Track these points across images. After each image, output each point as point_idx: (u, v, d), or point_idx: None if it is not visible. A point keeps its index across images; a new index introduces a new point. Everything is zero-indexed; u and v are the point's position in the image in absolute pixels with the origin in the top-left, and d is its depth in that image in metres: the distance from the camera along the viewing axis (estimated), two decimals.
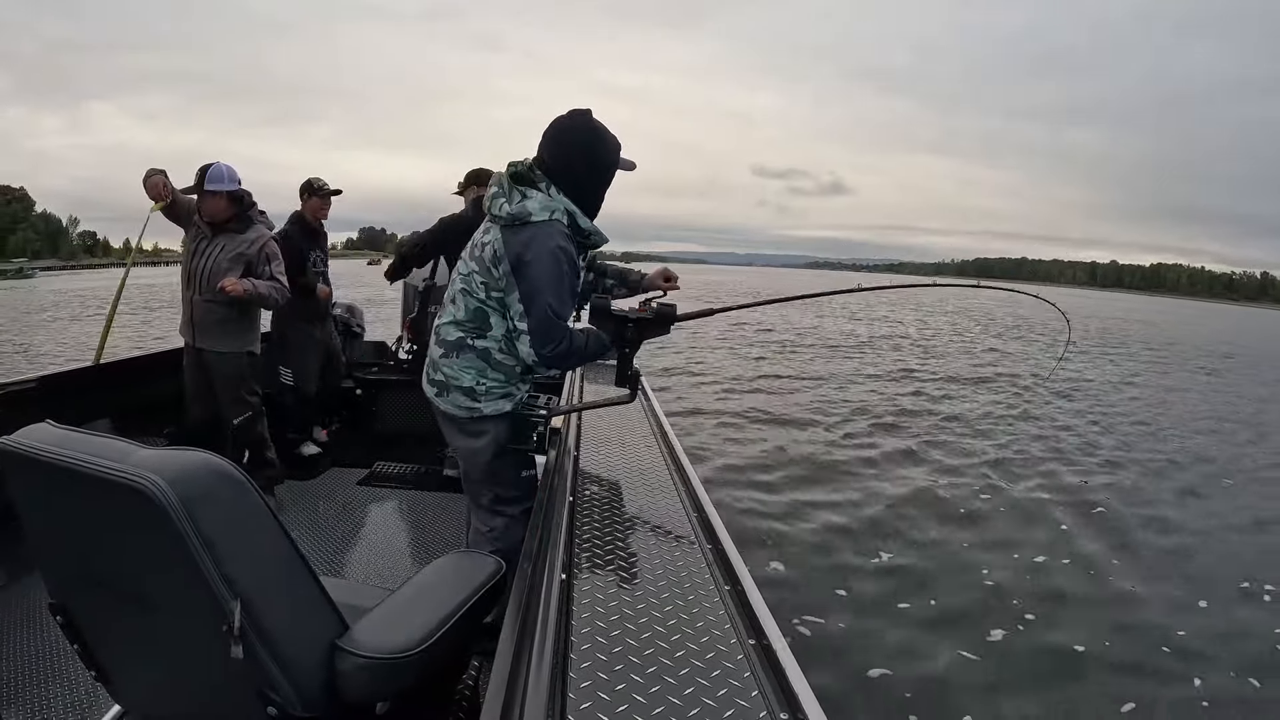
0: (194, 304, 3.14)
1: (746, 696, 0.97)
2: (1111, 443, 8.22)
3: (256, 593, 0.96)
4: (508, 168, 1.90)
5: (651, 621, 1.15)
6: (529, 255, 1.78)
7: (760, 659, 1.08)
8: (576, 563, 1.35)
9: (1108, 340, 23.53)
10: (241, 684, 1.01)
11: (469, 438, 1.97)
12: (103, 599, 1.10)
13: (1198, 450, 8.23)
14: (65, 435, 1.02)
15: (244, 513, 0.99)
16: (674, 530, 1.57)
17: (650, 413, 2.67)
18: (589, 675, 1.00)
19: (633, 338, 2.02)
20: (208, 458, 0.98)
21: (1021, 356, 15.80)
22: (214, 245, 3.12)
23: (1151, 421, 9.84)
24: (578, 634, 1.10)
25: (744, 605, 1.25)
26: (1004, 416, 9.21)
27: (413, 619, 1.18)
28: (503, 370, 1.92)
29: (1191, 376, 15.69)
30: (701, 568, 1.37)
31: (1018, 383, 12.02)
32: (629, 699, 0.95)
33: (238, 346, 3.21)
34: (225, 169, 3.09)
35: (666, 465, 2.04)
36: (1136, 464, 7.40)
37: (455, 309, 1.94)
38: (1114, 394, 11.98)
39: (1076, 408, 10.26)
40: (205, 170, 3.07)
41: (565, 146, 1.87)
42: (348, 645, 1.08)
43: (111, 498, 0.93)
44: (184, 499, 0.90)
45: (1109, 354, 18.70)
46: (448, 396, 1.94)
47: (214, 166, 3.07)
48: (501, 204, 1.84)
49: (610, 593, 1.25)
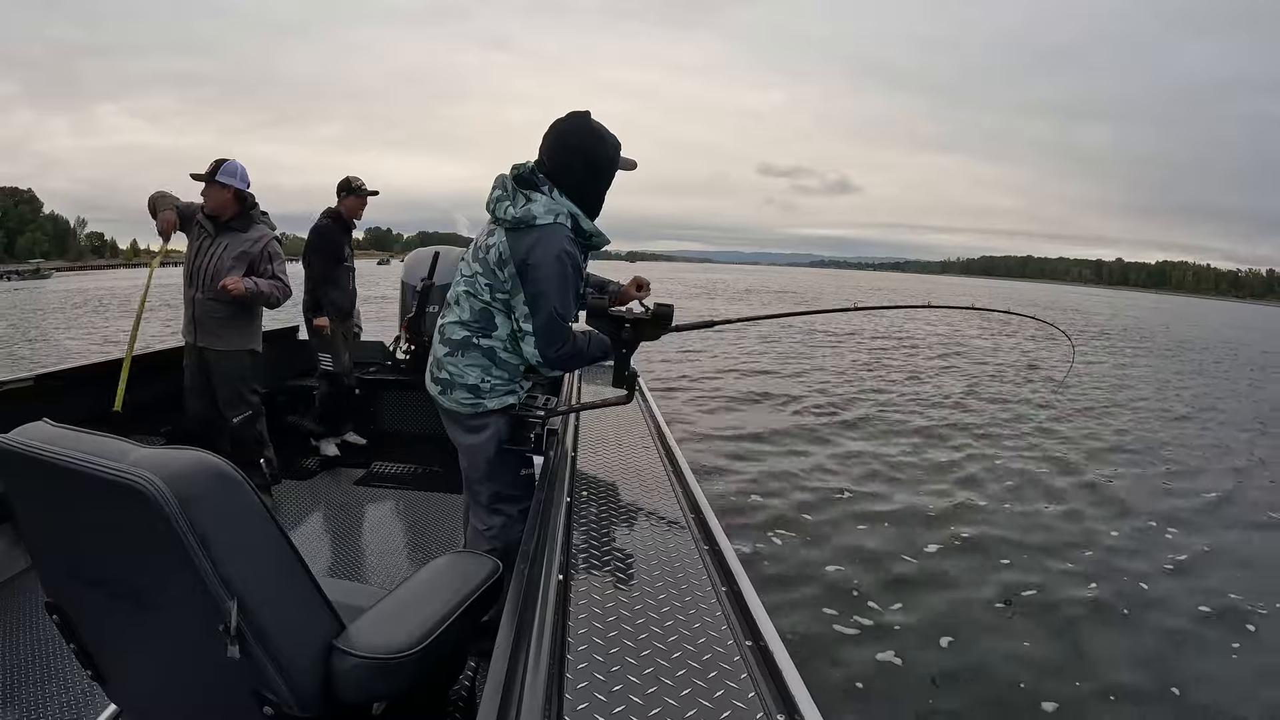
0: (196, 302, 3.15)
1: (743, 698, 0.97)
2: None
3: (253, 592, 0.96)
4: (511, 170, 1.92)
5: (649, 622, 1.15)
6: (534, 258, 1.81)
7: (757, 660, 1.08)
8: (574, 563, 1.35)
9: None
10: (238, 684, 1.01)
11: (472, 433, 1.99)
12: (99, 598, 1.09)
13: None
14: (62, 434, 1.02)
15: (241, 512, 0.99)
16: (671, 531, 1.57)
17: (647, 414, 2.67)
18: (586, 676, 1.00)
19: (629, 339, 2.03)
20: (205, 457, 0.97)
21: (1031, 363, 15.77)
22: (217, 245, 3.12)
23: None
24: (575, 635, 1.10)
25: (741, 606, 1.25)
26: (1008, 422, 9.12)
27: (410, 619, 1.18)
28: (507, 369, 1.95)
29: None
30: (699, 569, 1.37)
31: (1024, 392, 11.97)
32: (626, 700, 0.95)
33: (239, 345, 3.21)
34: (240, 167, 3.12)
35: (664, 466, 2.04)
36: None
37: (460, 309, 1.96)
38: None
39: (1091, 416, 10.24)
40: (220, 163, 3.08)
41: (565, 150, 1.89)
42: (344, 645, 1.08)
43: (108, 497, 0.93)
44: (180, 498, 0.90)
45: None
46: (452, 394, 1.96)
47: (230, 162, 3.10)
48: (506, 207, 1.86)
49: (607, 594, 1.25)
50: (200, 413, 3.27)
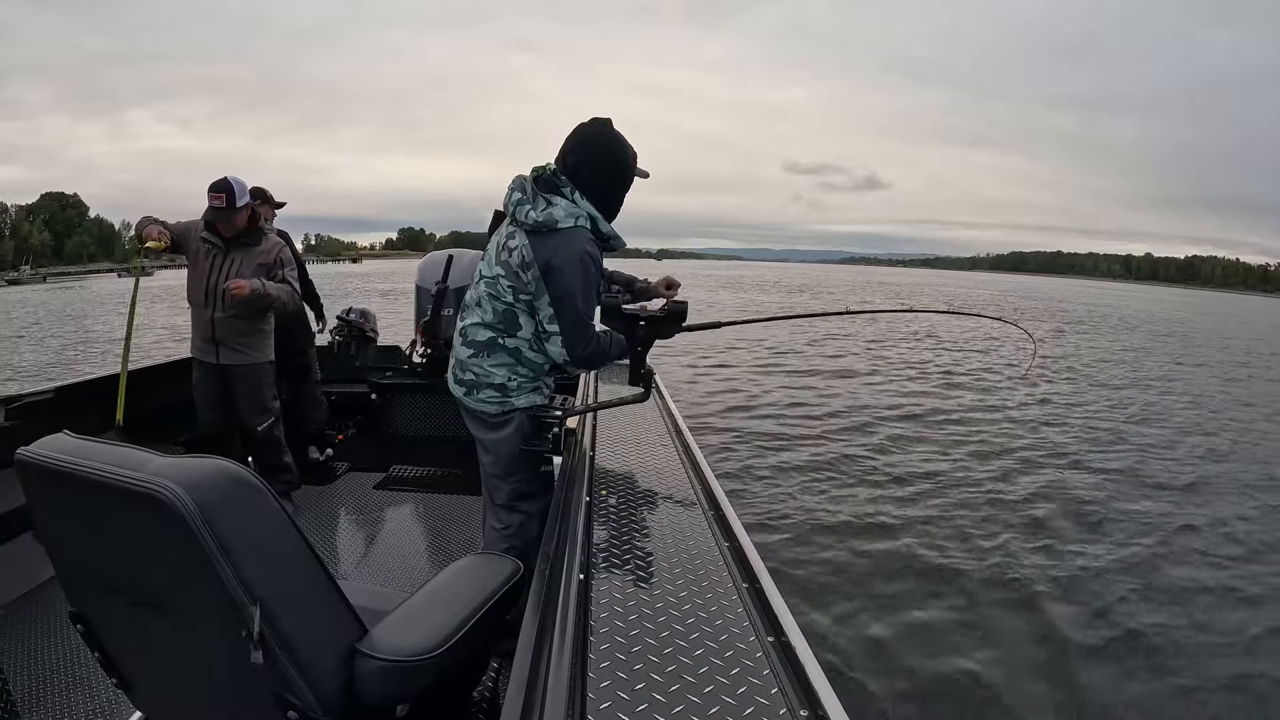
0: (216, 322, 3.12)
1: (766, 694, 0.96)
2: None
3: (275, 597, 0.96)
4: (531, 172, 1.94)
5: (670, 620, 1.15)
6: (558, 261, 1.84)
7: (779, 656, 1.07)
8: (594, 563, 1.35)
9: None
10: (260, 688, 1.01)
11: (495, 430, 2.01)
12: (122, 606, 1.10)
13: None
14: (82, 445, 1.03)
15: (261, 518, 0.99)
16: (691, 528, 1.56)
17: (665, 411, 2.66)
18: (608, 675, 1.00)
19: (644, 337, 2.04)
20: (224, 464, 0.98)
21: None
22: (229, 262, 3.11)
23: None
24: (596, 634, 1.10)
25: (762, 603, 1.24)
26: (1030, 430, 8.79)
27: (431, 621, 1.18)
28: (532, 367, 1.98)
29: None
30: (719, 565, 1.36)
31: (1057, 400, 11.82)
32: (648, 698, 0.95)
33: (260, 357, 3.24)
34: (241, 182, 3.09)
35: (682, 463, 2.03)
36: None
37: (482, 311, 1.98)
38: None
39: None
40: (224, 187, 3.01)
41: (590, 150, 1.91)
42: (367, 648, 1.08)
43: (129, 506, 0.94)
44: (201, 506, 0.90)
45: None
46: (479, 394, 1.99)
47: (229, 181, 3.03)
48: (527, 210, 1.87)
49: (628, 592, 1.24)
50: (215, 422, 3.28)
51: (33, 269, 78.52)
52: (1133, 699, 3.16)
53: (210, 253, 3.13)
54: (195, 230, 3.14)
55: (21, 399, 2.69)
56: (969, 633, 3.61)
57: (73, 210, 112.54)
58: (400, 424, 4.43)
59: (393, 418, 4.44)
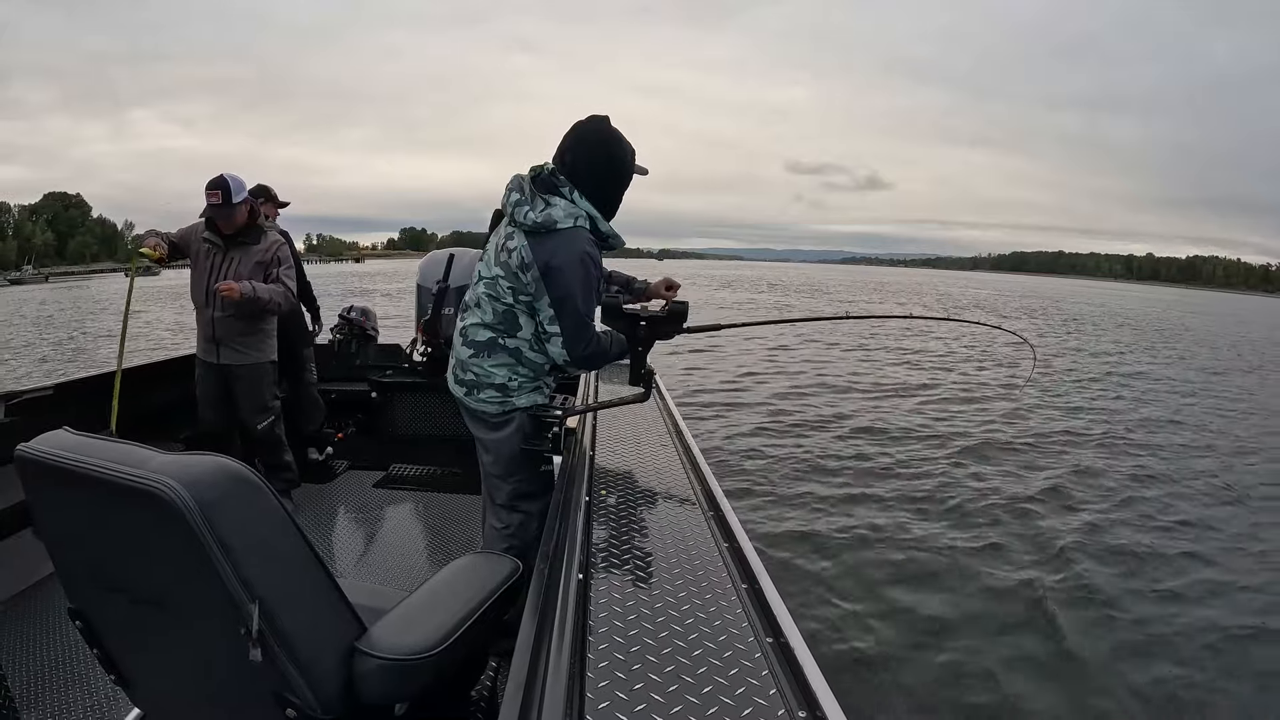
0: (216, 322, 3.12)
1: (765, 695, 0.96)
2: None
3: (274, 595, 0.96)
4: (529, 171, 1.93)
5: (669, 620, 1.14)
6: (557, 262, 1.83)
7: (778, 657, 1.07)
8: (593, 562, 1.35)
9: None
10: (259, 686, 1.01)
11: (496, 429, 2.01)
12: (121, 603, 1.10)
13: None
14: (83, 441, 1.03)
15: (261, 516, 0.99)
16: (690, 529, 1.56)
17: (665, 411, 2.66)
18: (607, 675, 0.99)
19: (645, 337, 2.04)
20: (224, 462, 0.98)
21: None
22: (229, 260, 3.11)
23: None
24: (595, 633, 1.10)
25: (761, 604, 1.24)
26: (1037, 431, 8.82)
27: (430, 620, 1.18)
28: (532, 367, 1.98)
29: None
30: (719, 566, 1.36)
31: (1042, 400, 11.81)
32: (647, 698, 0.95)
33: (261, 356, 3.24)
34: (238, 179, 3.08)
35: (682, 464, 2.03)
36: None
37: (482, 312, 1.98)
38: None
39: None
40: (221, 184, 3.00)
41: (588, 148, 1.90)
42: (366, 647, 1.08)
43: (129, 503, 0.94)
44: (201, 503, 0.91)
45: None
46: (479, 394, 1.99)
47: (226, 179, 3.01)
48: (525, 211, 1.86)
49: (627, 592, 1.24)
50: (215, 422, 3.29)
51: (35, 269, 78.98)
52: (1133, 699, 3.16)
53: (211, 252, 3.13)
54: (197, 232, 3.14)
55: (21, 395, 2.69)
56: (968, 634, 3.61)
57: (76, 210, 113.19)
58: (400, 423, 4.42)
59: (393, 416, 4.44)
